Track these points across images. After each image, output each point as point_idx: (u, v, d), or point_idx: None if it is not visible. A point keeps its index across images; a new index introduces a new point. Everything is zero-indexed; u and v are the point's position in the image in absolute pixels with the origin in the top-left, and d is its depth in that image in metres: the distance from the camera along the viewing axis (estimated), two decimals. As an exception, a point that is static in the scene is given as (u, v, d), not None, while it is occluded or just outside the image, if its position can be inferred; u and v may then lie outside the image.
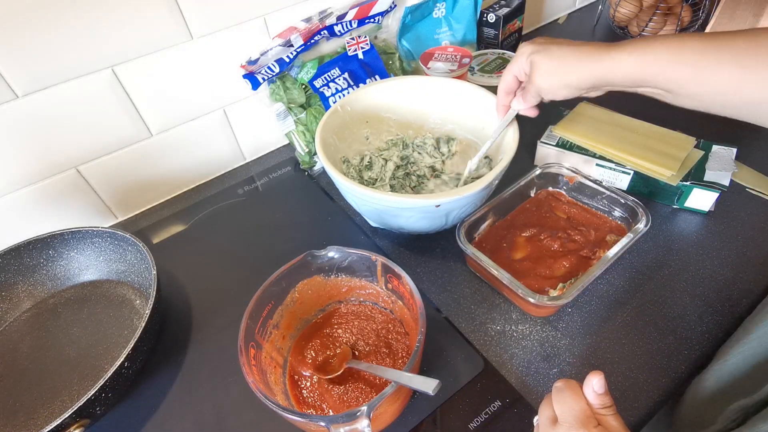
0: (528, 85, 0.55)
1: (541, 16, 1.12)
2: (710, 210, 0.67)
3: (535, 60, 0.52)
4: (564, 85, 0.51)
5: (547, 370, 0.54)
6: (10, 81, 0.59)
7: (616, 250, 0.56)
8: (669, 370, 0.52)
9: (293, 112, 0.78)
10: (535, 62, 0.52)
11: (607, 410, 0.37)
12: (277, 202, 0.78)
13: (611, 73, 0.48)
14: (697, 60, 0.43)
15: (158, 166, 0.77)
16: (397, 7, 0.82)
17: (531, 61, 0.52)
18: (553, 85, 0.51)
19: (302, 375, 0.53)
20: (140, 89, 0.69)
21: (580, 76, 0.49)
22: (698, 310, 0.57)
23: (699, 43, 0.43)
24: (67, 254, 0.65)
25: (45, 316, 0.64)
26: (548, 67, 0.51)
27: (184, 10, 0.66)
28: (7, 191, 0.66)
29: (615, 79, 0.48)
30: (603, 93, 0.53)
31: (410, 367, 0.43)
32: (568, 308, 0.59)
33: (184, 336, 0.61)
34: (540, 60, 0.51)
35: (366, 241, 0.70)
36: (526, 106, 0.58)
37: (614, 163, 0.68)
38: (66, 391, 0.56)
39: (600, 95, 0.54)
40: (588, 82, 0.50)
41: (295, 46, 0.73)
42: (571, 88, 0.51)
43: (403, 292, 0.52)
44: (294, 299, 0.55)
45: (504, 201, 0.65)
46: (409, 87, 0.73)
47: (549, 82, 0.51)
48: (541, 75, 0.52)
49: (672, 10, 0.98)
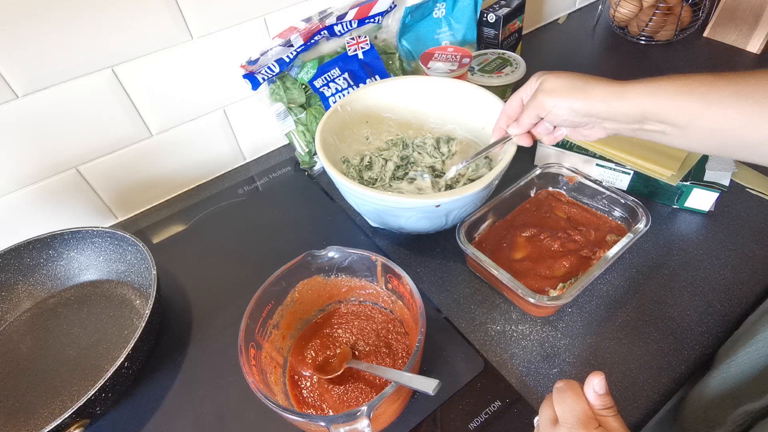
0: (529, 102, 0.52)
1: (541, 16, 1.13)
2: (710, 210, 0.67)
3: (545, 78, 0.50)
4: (568, 106, 0.48)
5: (547, 370, 0.54)
6: (10, 81, 0.59)
7: (616, 250, 0.56)
8: (669, 370, 0.52)
9: (293, 112, 0.78)
10: (544, 80, 0.50)
11: (608, 411, 0.37)
12: (277, 202, 0.78)
13: (618, 102, 0.46)
14: (706, 92, 0.41)
15: (158, 166, 0.77)
16: (397, 7, 0.82)
17: (540, 80, 0.51)
18: (557, 104, 0.49)
19: (302, 375, 0.53)
20: (140, 89, 0.69)
21: (587, 101, 0.47)
22: (698, 310, 0.57)
23: (708, 77, 0.42)
24: (67, 254, 0.65)
25: (45, 316, 0.64)
26: (555, 85, 0.49)
27: (184, 10, 0.66)
28: (7, 191, 0.66)
29: (621, 110, 0.46)
30: (603, 135, 0.51)
31: (410, 367, 0.43)
32: (568, 308, 0.59)
33: (184, 336, 0.61)
34: (549, 78, 0.50)
35: (366, 241, 0.70)
36: (521, 131, 0.55)
37: (614, 163, 0.69)
38: (66, 391, 0.56)
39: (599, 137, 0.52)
40: (594, 109, 0.47)
41: (295, 46, 0.73)
42: (573, 112, 0.48)
43: (403, 292, 0.52)
44: (294, 299, 0.55)
45: (504, 201, 0.65)
46: (409, 87, 0.73)
47: (554, 100, 0.49)
48: (547, 91, 0.49)
49: (672, 10, 0.98)
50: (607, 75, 0.48)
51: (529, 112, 0.52)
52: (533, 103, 0.51)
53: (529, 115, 0.52)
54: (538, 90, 0.50)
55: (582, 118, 0.49)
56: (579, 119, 0.49)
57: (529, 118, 0.53)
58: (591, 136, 0.52)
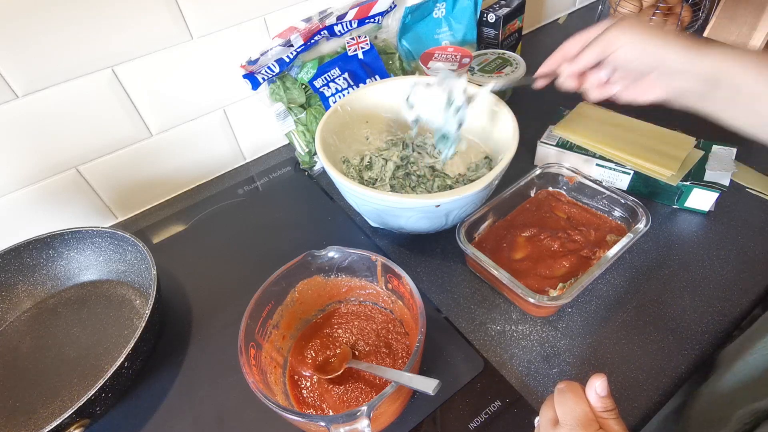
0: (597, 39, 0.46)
1: (541, 16, 1.13)
2: (710, 210, 0.67)
3: (621, 19, 0.45)
4: (641, 47, 0.43)
5: (547, 370, 0.54)
6: (10, 81, 0.59)
7: (616, 250, 0.56)
8: (669, 370, 0.52)
9: (293, 112, 0.78)
10: (620, 19, 0.45)
11: (609, 413, 0.37)
12: (277, 202, 0.78)
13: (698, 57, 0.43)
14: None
15: (158, 166, 0.77)
16: (397, 7, 0.82)
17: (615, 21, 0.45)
18: (632, 40, 0.43)
19: (302, 375, 0.53)
20: (140, 89, 0.69)
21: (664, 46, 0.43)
22: (698, 310, 0.57)
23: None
24: (67, 254, 0.65)
25: (45, 316, 0.64)
26: (632, 23, 0.44)
27: (184, 10, 0.66)
28: (7, 191, 0.66)
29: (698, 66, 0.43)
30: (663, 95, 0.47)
31: (410, 367, 0.43)
32: (568, 308, 0.59)
33: (184, 336, 0.61)
34: (625, 18, 0.45)
35: (366, 241, 0.70)
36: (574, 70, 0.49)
37: (614, 163, 0.68)
38: (66, 391, 0.56)
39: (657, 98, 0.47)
40: (668, 57, 0.43)
41: (295, 46, 0.73)
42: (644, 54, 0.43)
43: (403, 292, 0.52)
44: (294, 299, 0.55)
45: (504, 201, 0.65)
46: (409, 87, 0.72)
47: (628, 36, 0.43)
48: (621, 27, 0.44)
49: (672, 10, 0.98)
50: (607, 75, 0.48)
51: (593, 49, 0.47)
52: (602, 39, 0.46)
53: (593, 52, 0.47)
54: (612, 26, 0.46)
55: (649, 67, 0.45)
56: (646, 66, 0.45)
57: (592, 55, 0.47)
58: (647, 94, 0.47)
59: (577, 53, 0.49)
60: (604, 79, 0.49)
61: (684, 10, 0.97)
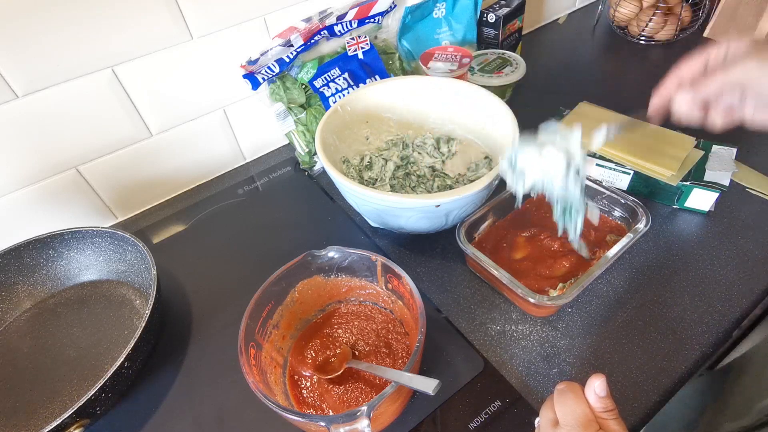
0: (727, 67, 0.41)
1: (541, 16, 1.12)
2: (710, 210, 0.67)
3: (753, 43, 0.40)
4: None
5: (547, 370, 0.54)
6: (10, 81, 0.59)
7: (616, 250, 0.56)
8: (669, 370, 0.52)
9: (293, 112, 0.78)
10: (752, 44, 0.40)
11: (608, 414, 0.37)
12: (277, 202, 0.78)
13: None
14: None
15: (158, 166, 0.77)
16: (397, 7, 0.82)
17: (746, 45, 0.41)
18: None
19: (302, 375, 0.53)
20: (140, 89, 0.68)
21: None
22: (698, 310, 0.57)
23: None
24: (67, 254, 0.65)
25: (45, 316, 0.64)
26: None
27: (184, 10, 0.66)
28: (7, 191, 0.66)
29: None
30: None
31: (410, 367, 0.43)
32: (568, 308, 0.59)
33: (184, 336, 0.61)
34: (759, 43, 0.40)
35: (366, 241, 0.70)
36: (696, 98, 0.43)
37: (614, 163, 0.68)
38: (66, 391, 0.56)
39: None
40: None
41: (295, 46, 0.73)
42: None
43: (403, 292, 0.52)
44: (294, 299, 0.55)
45: (504, 201, 0.65)
46: (409, 87, 0.73)
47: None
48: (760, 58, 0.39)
49: (672, 10, 0.98)
50: (607, 75, 0.47)
51: (720, 78, 0.41)
52: (735, 70, 0.41)
53: (720, 82, 0.42)
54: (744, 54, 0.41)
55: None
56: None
57: (718, 84, 0.42)
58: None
59: (694, 77, 0.45)
60: (736, 104, 0.44)
61: (684, 10, 0.97)
